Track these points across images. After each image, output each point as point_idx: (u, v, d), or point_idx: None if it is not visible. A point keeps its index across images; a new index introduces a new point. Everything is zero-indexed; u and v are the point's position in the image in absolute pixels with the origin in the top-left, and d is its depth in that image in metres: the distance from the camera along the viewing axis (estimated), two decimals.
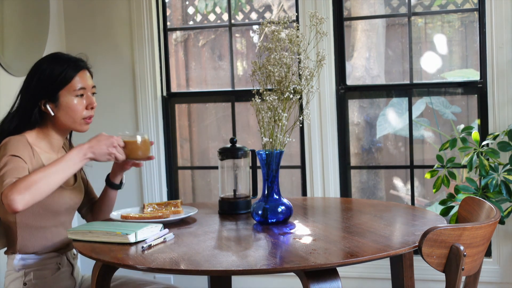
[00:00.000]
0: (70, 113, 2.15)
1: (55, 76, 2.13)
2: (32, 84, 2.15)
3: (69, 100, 2.15)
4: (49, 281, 2.16)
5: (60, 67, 2.15)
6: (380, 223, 2.07)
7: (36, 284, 2.13)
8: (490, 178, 2.91)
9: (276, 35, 2.07)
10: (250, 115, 3.92)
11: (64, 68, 2.15)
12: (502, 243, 3.22)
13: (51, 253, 2.19)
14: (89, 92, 2.20)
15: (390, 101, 3.87)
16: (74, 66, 2.17)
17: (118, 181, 2.37)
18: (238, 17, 4.00)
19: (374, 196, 3.95)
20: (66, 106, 2.15)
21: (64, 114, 2.16)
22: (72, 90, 2.15)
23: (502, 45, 3.15)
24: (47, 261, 2.17)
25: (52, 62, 2.17)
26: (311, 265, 1.63)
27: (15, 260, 2.15)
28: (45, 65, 2.16)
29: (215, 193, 4.06)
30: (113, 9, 3.74)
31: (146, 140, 2.20)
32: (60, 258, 2.21)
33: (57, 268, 2.19)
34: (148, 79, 3.70)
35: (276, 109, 2.07)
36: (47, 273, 2.16)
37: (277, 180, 2.14)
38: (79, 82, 2.16)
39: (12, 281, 2.14)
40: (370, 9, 3.85)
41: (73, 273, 2.25)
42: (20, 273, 2.14)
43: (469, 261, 1.70)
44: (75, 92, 2.15)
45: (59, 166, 2.00)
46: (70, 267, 2.25)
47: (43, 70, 2.15)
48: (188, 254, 1.80)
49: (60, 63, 2.16)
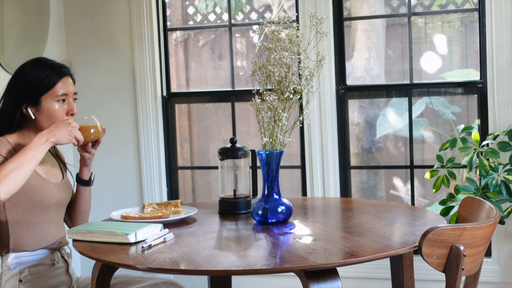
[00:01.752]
0: (51, 117, 2.20)
1: (38, 81, 2.18)
2: (15, 87, 2.19)
3: (51, 105, 2.19)
4: (44, 277, 2.18)
5: (43, 72, 2.19)
6: (380, 223, 2.07)
7: (31, 279, 2.15)
8: (490, 178, 2.91)
9: (276, 35, 2.07)
10: (250, 115, 3.92)
11: (48, 74, 2.19)
12: (502, 243, 3.22)
13: (44, 249, 2.21)
14: (71, 98, 2.25)
15: (390, 101, 3.87)
16: (58, 72, 2.22)
17: (87, 177, 2.38)
18: (238, 17, 4.00)
19: (374, 196, 3.95)
20: (48, 111, 2.19)
21: (45, 118, 2.20)
22: (54, 95, 2.20)
23: (502, 45, 3.15)
24: (41, 257, 2.20)
25: (36, 67, 2.21)
26: (311, 265, 1.63)
27: (9, 259, 2.17)
28: (29, 70, 2.21)
29: (215, 193, 4.06)
30: (113, 9, 3.74)
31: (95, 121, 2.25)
32: (54, 255, 2.23)
33: (52, 264, 2.22)
34: (148, 79, 3.70)
35: (276, 109, 2.07)
36: (42, 269, 2.19)
37: (277, 180, 2.15)
38: (62, 88, 2.21)
39: (8, 280, 2.16)
40: (370, 9, 3.85)
41: (69, 270, 2.27)
42: (15, 271, 2.16)
43: (469, 261, 1.70)
44: (57, 98, 2.20)
45: (27, 155, 2.04)
46: (65, 264, 2.27)
47: (27, 74, 2.19)
48: (188, 254, 1.80)
49: (44, 68, 2.21)
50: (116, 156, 3.78)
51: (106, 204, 3.66)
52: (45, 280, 2.18)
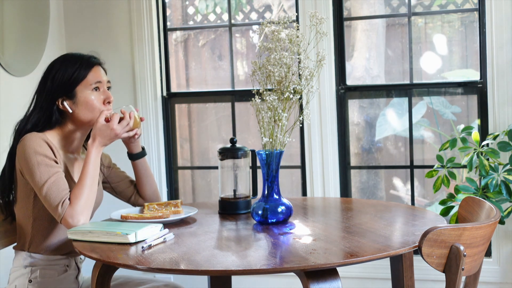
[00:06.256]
0: (88, 107, 2.18)
1: (70, 74, 2.17)
2: (47, 84, 2.19)
3: (87, 95, 2.19)
4: (54, 281, 2.17)
5: (73, 65, 2.19)
6: (380, 223, 2.07)
7: (41, 282, 2.14)
8: (490, 178, 2.91)
9: (276, 35, 2.07)
10: (250, 115, 3.92)
11: (78, 66, 2.19)
12: (502, 243, 3.22)
13: (60, 254, 2.20)
14: (105, 86, 2.24)
15: (390, 101, 3.87)
16: (88, 63, 2.21)
17: (138, 149, 2.40)
18: (238, 17, 4.00)
19: (374, 196, 3.95)
20: (84, 102, 2.18)
21: (82, 110, 2.19)
22: (89, 84, 2.19)
23: (502, 45, 3.15)
24: (55, 261, 2.19)
25: (65, 61, 2.21)
26: (311, 265, 1.63)
27: (24, 257, 2.16)
28: (58, 65, 2.20)
29: (215, 193, 4.06)
30: (113, 9, 3.75)
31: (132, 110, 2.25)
32: (68, 261, 2.22)
33: (65, 270, 2.20)
34: (148, 79, 3.70)
35: (276, 109, 2.07)
36: (54, 273, 2.17)
37: (277, 180, 2.14)
38: (94, 76, 2.20)
39: (18, 277, 2.15)
40: (370, 9, 3.85)
41: (78, 277, 2.26)
42: (26, 270, 2.15)
43: (469, 261, 1.70)
44: (91, 86, 2.19)
45: (91, 172, 2.11)
46: (77, 270, 2.26)
47: (58, 69, 2.19)
48: (188, 254, 1.80)
49: (73, 61, 2.21)
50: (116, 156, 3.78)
51: (106, 204, 3.65)
52: (55, 284, 2.17)
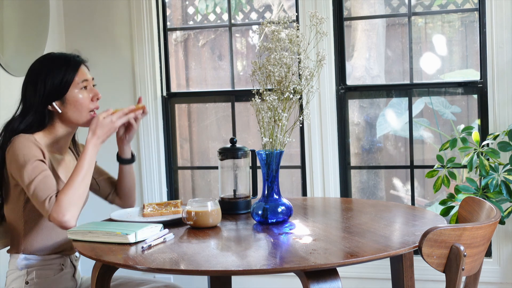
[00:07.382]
0: (77, 106, 2.20)
1: (60, 78, 2.19)
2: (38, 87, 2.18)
3: (75, 94, 2.20)
4: (51, 281, 2.17)
5: (60, 67, 2.20)
6: (380, 223, 2.07)
7: (38, 283, 2.14)
8: (490, 178, 2.91)
9: (276, 35, 2.07)
10: (250, 115, 3.92)
11: (65, 68, 2.20)
12: (502, 243, 3.22)
13: (55, 254, 2.20)
14: (91, 84, 2.27)
15: (390, 101, 3.87)
16: (74, 63, 2.23)
17: (128, 155, 2.39)
18: (238, 17, 4.00)
19: (374, 196, 3.95)
20: (73, 101, 2.20)
21: (71, 109, 2.20)
22: (77, 84, 2.21)
23: (502, 45, 3.14)
24: (50, 261, 2.18)
25: (51, 63, 2.21)
26: (311, 265, 1.63)
27: (19, 259, 2.16)
28: (46, 69, 2.20)
29: (215, 193, 4.06)
30: (113, 9, 3.74)
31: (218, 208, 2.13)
32: (63, 259, 2.22)
33: (60, 269, 2.20)
34: (148, 79, 3.70)
35: (276, 109, 2.07)
36: (50, 273, 2.17)
37: (277, 180, 2.14)
38: (80, 76, 2.22)
39: (14, 280, 2.15)
40: (370, 9, 3.85)
41: (75, 275, 2.26)
42: (22, 272, 2.15)
43: (469, 261, 1.70)
44: (79, 86, 2.21)
45: (85, 168, 2.09)
46: (73, 268, 2.26)
47: (47, 74, 2.18)
48: (188, 254, 1.80)
49: (59, 63, 2.21)
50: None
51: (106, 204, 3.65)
52: (52, 284, 2.17)
